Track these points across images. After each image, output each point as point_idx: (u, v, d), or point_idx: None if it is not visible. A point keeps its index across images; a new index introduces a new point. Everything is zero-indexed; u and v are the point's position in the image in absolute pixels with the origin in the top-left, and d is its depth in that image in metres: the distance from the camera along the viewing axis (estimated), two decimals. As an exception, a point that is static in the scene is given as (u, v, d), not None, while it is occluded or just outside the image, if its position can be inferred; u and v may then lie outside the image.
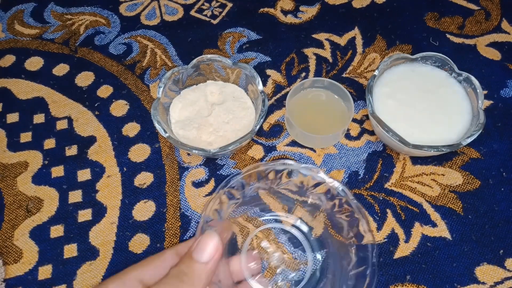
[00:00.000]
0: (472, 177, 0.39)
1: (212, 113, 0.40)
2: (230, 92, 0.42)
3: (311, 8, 0.51)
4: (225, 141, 0.39)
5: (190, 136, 0.39)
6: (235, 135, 0.39)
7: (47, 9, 0.51)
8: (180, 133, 0.39)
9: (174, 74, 0.40)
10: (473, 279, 0.34)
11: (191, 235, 0.36)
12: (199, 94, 0.42)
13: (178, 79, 0.41)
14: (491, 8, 0.50)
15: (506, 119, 0.43)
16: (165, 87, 0.39)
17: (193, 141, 0.39)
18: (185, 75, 0.41)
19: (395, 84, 0.40)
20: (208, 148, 0.36)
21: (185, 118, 0.40)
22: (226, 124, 0.40)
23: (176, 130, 0.39)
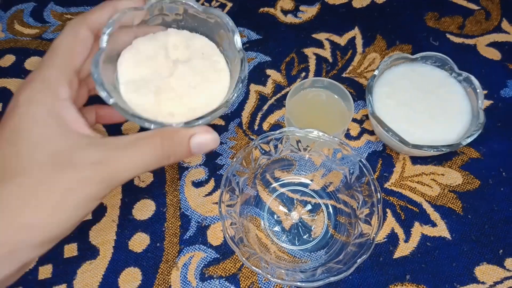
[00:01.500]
0: (472, 177, 0.39)
1: (175, 73, 0.32)
2: (199, 47, 0.34)
3: (311, 8, 0.51)
4: (191, 111, 0.31)
5: (146, 102, 0.30)
6: (204, 104, 0.31)
7: (47, 9, 0.51)
8: (132, 99, 0.30)
9: (125, 17, 0.30)
10: (473, 279, 0.34)
11: (191, 235, 0.37)
12: (157, 46, 0.33)
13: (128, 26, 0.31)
14: (491, 8, 0.50)
15: (506, 119, 0.43)
16: (112, 34, 0.29)
17: (150, 110, 0.30)
18: (139, 21, 0.32)
19: (395, 84, 0.41)
20: (169, 120, 0.28)
21: (139, 77, 0.31)
22: (192, 89, 0.31)
23: (126, 94, 0.30)
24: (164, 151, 0.26)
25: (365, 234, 0.32)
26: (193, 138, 0.27)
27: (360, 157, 0.34)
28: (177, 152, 0.27)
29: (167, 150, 0.26)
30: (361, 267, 0.35)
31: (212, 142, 0.27)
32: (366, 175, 0.33)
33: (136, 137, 0.26)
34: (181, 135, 0.27)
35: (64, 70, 0.27)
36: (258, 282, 0.34)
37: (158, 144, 0.26)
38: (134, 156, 0.25)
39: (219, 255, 0.36)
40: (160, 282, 0.34)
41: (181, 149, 0.27)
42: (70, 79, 0.27)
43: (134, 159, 0.25)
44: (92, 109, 0.33)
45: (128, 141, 0.26)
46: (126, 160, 0.25)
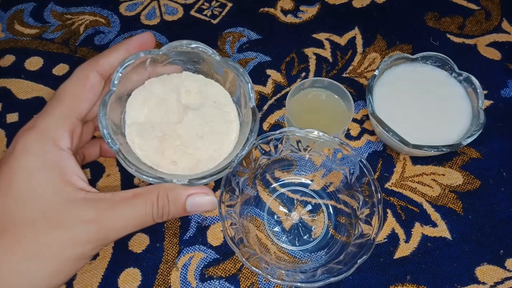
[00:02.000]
0: (472, 177, 0.39)
1: (183, 119, 0.31)
2: (212, 95, 0.32)
3: (311, 8, 0.51)
4: (194, 162, 0.30)
5: (149, 148, 0.29)
6: (209, 156, 0.30)
7: (47, 9, 0.51)
8: (136, 142, 0.29)
9: (138, 60, 0.29)
10: (473, 279, 0.34)
11: (191, 235, 0.36)
12: (169, 89, 0.31)
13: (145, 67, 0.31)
14: (491, 8, 0.50)
15: (506, 119, 0.42)
16: (123, 75, 0.28)
17: (152, 156, 0.29)
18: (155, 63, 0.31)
19: (395, 84, 0.40)
20: (170, 170, 0.28)
21: (146, 120, 0.30)
22: (199, 138, 0.30)
23: (130, 136, 0.29)
24: (159, 209, 0.26)
25: (365, 235, 0.32)
26: (190, 198, 0.26)
27: (360, 157, 0.34)
28: (171, 211, 0.26)
29: (161, 209, 0.26)
30: (362, 268, 0.35)
31: (209, 205, 0.27)
32: (366, 175, 0.33)
33: (133, 193, 0.26)
34: (178, 194, 0.26)
35: (67, 118, 0.26)
36: (258, 282, 0.34)
37: (154, 202, 0.25)
38: (127, 216, 0.25)
39: (219, 256, 0.36)
40: (160, 282, 0.34)
41: (176, 209, 0.26)
42: (72, 128, 0.27)
43: (126, 219, 0.25)
44: (97, 142, 0.33)
45: (123, 197, 0.25)
46: (118, 220, 0.25)
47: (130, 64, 0.28)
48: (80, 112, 0.27)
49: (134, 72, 0.30)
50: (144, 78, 0.31)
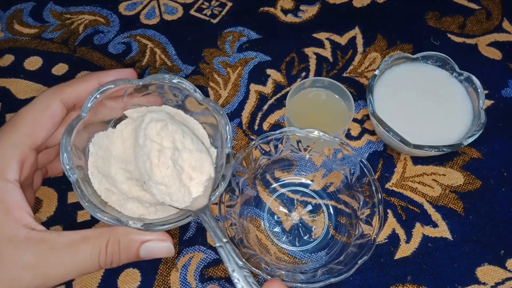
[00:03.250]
0: (473, 177, 0.39)
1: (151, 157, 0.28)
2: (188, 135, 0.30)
3: (312, 8, 0.51)
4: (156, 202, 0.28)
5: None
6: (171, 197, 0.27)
7: (46, 9, 0.51)
8: (96, 175, 0.28)
9: (114, 89, 0.27)
10: (474, 280, 0.34)
11: (191, 235, 0.36)
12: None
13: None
14: (492, 7, 0.50)
15: (507, 119, 0.42)
16: (96, 102, 0.27)
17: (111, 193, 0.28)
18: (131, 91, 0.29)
19: (396, 83, 0.40)
20: (124, 211, 0.26)
21: (114, 153, 0.29)
22: (166, 178, 0.28)
23: (92, 168, 0.28)
24: (107, 257, 0.24)
25: (366, 235, 0.31)
26: (144, 245, 0.25)
27: (360, 157, 0.33)
28: (121, 258, 0.24)
29: (110, 257, 0.24)
30: (362, 268, 0.35)
31: (165, 252, 0.25)
32: (367, 176, 0.33)
33: (81, 237, 0.24)
34: (132, 241, 0.24)
35: (19, 147, 0.25)
36: (259, 282, 0.34)
37: (102, 249, 0.24)
38: (70, 262, 0.23)
39: (219, 256, 0.35)
40: (160, 283, 0.34)
41: (128, 256, 0.25)
42: (23, 158, 0.25)
43: (69, 265, 0.23)
44: (39, 172, 0.31)
45: (69, 242, 0.23)
46: (59, 267, 0.23)
47: (106, 91, 0.27)
48: (35, 141, 0.26)
49: (108, 100, 0.28)
50: (120, 108, 0.30)
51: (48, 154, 0.30)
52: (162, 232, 0.26)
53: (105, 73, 0.29)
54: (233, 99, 0.44)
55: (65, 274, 0.24)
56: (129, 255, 0.25)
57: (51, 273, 0.23)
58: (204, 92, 0.44)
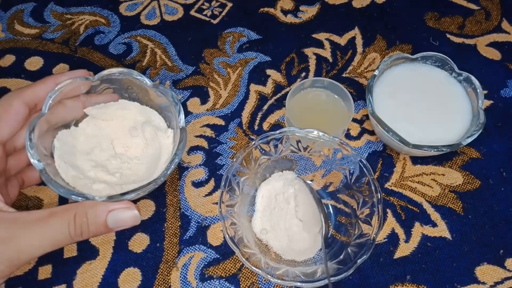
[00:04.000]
0: (472, 177, 0.39)
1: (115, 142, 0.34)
2: (147, 120, 0.36)
3: (311, 8, 0.51)
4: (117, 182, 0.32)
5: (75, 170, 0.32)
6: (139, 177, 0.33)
7: (47, 9, 0.51)
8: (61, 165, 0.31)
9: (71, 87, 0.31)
10: (473, 279, 0.34)
11: (191, 235, 0.36)
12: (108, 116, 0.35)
13: None
14: (491, 8, 0.50)
15: (506, 119, 0.43)
16: (55, 100, 0.30)
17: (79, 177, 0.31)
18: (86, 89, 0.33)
19: (395, 84, 0.40)
20: (92, 193, 0.29)
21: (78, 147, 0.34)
22: (134, 161, 0.34)
23: (58, 158, 0.31)
24: (77, 228, 0.25)
25: (365, 234, 0.32)
26: (110, 214, 0.26)
27: (360, 157, 0.34)
28: (91, 229, 0.26)
29: (79, 227, 0.25)
30: (362, 268, 0.35)
31: (131, 219, 0.27)
32: (366, 175, 0.33)
33: (49, 212, 0.25)
34: (98, 211, 0.26)
35: None
36: (258, 282, 0.34)
37: (71, 221, 0.25)
38: (41, 234, 0.25)
39: (219, 256, 0.36)
40: (160, 282, 0.34)
41: (96, 226, 0.26)
42: None
43: (41, 237, 0.25)
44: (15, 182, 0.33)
45: (39, 217, 0.25)
46: (31, 240, 0.24)
47: (63, 88, 0.30)
48: (1, 135, 0.28)
49: (67, 100, 0.31)
50: (79, 107, 0.33)
51: (18, 159, 0.32)
52: (126, 201, 0.27)
53: (61, 75, 0.31)
54: (233, 99, 0.44)
55: (39, 246, 0.25)
56: (98, 226, 0.26)
57: (24, 245, 0.24)
58: (204, 92, 0.45)
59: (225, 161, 0.40)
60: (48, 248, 0.25)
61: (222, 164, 0.40)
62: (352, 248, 0.32)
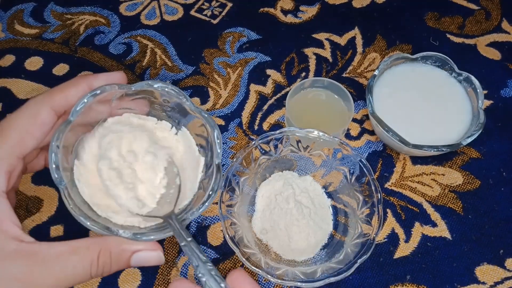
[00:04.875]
0: (472, 177, 0.39)
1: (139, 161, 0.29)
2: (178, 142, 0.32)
3: (311, 8, 0.51)
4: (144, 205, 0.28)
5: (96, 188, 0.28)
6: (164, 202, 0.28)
7: (47, 9, 0.51)
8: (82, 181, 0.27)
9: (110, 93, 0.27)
10: (473, 279, 0.34)
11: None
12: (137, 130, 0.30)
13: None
14: (491, 8, 0.50)
15: (506, 119, 0.42)
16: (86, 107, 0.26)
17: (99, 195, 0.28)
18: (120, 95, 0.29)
19: (395, 84, 0.40)
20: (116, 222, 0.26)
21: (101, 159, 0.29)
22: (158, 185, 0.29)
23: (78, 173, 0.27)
24: (99, 268, 0.24)
25: (365, 234, 0.32)
26: (135, 255, 0.25)
27: (360, 157, 0.34)
28: (113, 267, 0.25)
29: (102, 267, 0.24)
30: (361, 267, 0.35)
31: (155, 260, 0.26)
32: (366, 175, 0.33)
33: (71, 248, 0.23)
34: (123, 252, 0.24)
35: (7, 159, 0.24)
36: (258, 282, 0.34)
37: (94, 261, 0.24)
38: (61, 273, 0.23)
39: (219, 256, 0.36)
40: (160, 282, 0.34)
41: (119, 264, 0.25)
42: (11, 169, 0.24)
43: (59, 276, 0.23)
44: (42, 154, 0.30)
45: (59, 254, 0.23)
46: (50, 278, 0.23)
47: (97, 97, 0.26)
48: (24, 151, 0.25)
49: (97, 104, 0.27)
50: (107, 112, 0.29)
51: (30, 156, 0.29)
52: (151, 242, 0.26)
53: (95, 77, 0.28)
54: (233, 99, 0.44)
55: (56, 286, 0.23)
56: (120, 264, 0.25)
57: (41, 285, 0.23)
58: (204, 92, 0.45)
59: (225, 161, 0.40)
60: (64, 286, 0.24)
61: (222, 164, 0.40)
62: (352, 248, 0.32)
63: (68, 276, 0.23)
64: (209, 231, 0.37)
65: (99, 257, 0.24)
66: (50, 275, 0.23)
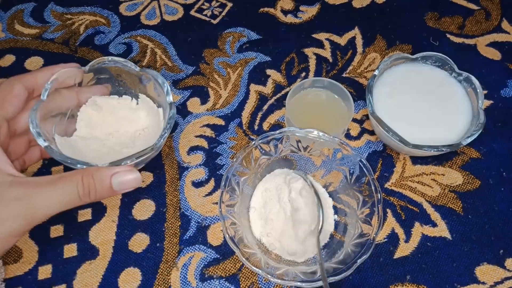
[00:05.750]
0: (472, 177, 0.39)
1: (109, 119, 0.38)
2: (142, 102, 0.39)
3: (311, 8, 0.51)
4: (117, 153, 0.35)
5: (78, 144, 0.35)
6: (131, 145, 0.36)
7: (47, 9, 0.51)
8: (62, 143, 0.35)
9: (65, 75, 0.34)
10: (473, 279, 0.34)
11: (191, 235, 0.36)
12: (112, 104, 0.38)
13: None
14: (491, 8, 0.50)
15: (506, 119, 0.43)
16: (52, 89, 0.33)
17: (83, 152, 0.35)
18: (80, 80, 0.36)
19: (395, 84, 0.40)
20: (95, 161, 0.31)
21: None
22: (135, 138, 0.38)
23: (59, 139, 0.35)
24: (84, 189, 0.28)
25: (365, 234, 0.32)
26: (114, 176, 0.29)
27: (360, 157, 0.34)
28: (97, 190, 0.28)
29: (87, 188, 0.28)
30: (361, 267, 0.35)
31: (133, 181, 0.29)
32: (366, 175, 0.33)
33: (58, 176, 0.28)
34: (103, 174, 0.28)
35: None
36: (258, 282, 0.34)
37: (79, 181, 0.28)
38: (53, 195, 0.27)
39: (219, 255, 0.36)
40: (160, 282, 0.34)
41: (102, 187, 0.29)
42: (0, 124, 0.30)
43: (52, 197, 0.27)
44: (36, 147, 0.36)
45: (49, 179, 0.28)
46: (45, 198, 0.27)
47: (58, 77, 0.33)
48: (6, 113, 0.31)
49: (63, 90, 0.34)
50: (74, 98, 0.36)
51: (19, 144, 0.34)
52: (128, 165, 0.30)
53: (56, 66, 0.35)
54: (233, 99, 0.44)
55: (51, 205, 0.28)
56: (104, 187, 0.29)
57: (38, 204, 0.27)
58: (204, 92, 0.45)
59: (225, 161, 0.40)
60: (60, 207, 0.28)
61: (222, 164, 0.40)
62: (352, 248, 0.32)
63: (60, 196, 0.28)
64: (209, 231, 0.37)
65: (83, 179, 0.28)
66: (44, 195, 0.27)
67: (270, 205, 0.35)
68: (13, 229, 0.27)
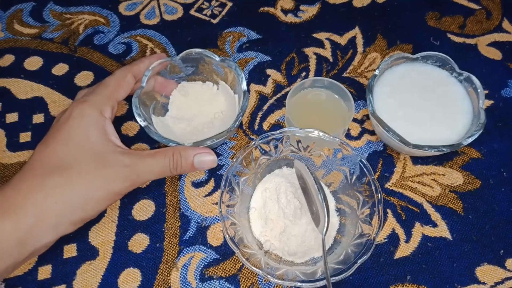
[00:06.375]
0: (472, 177, 0.39)
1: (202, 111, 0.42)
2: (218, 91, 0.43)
3: (312, 7, 0.51)
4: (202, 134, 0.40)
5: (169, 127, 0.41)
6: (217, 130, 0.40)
7: (46, 9, 0.51)
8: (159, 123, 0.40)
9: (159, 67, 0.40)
10: (474, 279, 0.34)
11: (191, 235, 0.36)
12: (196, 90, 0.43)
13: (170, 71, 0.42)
14: (492, 7, 0.50)
15: (507, 119, 0.42)
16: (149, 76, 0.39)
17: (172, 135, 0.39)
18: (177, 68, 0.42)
19: (395, 83, 0.40)
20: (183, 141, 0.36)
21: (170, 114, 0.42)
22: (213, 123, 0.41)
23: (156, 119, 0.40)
24: (174, 163, 0.34)
25: (365, 235, 0.32)
26: (196, 156, 0.34)
27: (360, 157, 0.34)
28: (183, 166, 0.34)
29: (175, 163, 0.34)
30: (362, 268, 0.35)
31: (210, 162, 0.35)
32: (366, 175, 0.33)
33: (156, 151, 0.34)
34: (187, 152, 0.34)
35: (110, 98, 0.36)
36: (258, 282, 0.34)
37: (170, 157, 0.34)
38: (152, 164, 0.33)
39: (219, 256, 0.36)
40: (160, 282, 0.34)
41: (186, 164, 0.34)
42: (112, 105, 0.37)
43: (152, 166, 0.33)
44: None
45: (149, 153, 0.34)
46: (146, 167, 0.33)
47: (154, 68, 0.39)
48: (118, 97, 0.37)
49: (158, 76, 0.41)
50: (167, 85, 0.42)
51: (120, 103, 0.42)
52: (207, 148, 0.35)
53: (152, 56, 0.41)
54: (233, 99, 0.44)
55: (150, 173, 0.34)
56: (187, 163, 0.34)
57: (141, 170, 0.33)
58: (204, 92, 0.44)
59: (225, 161, 0.40)
60: (156, 175, 0.34)
61: (222, 164, 0.40)
62: (352, 248, 0.32)
63: (156, 167, 0.34)
64: (209, 231, 0.37)
65: (173, 155, 0.34)
66: (145, 165, 0.33)
67: (270, 205, 0.35)
68: (120, 188, 0.33)
